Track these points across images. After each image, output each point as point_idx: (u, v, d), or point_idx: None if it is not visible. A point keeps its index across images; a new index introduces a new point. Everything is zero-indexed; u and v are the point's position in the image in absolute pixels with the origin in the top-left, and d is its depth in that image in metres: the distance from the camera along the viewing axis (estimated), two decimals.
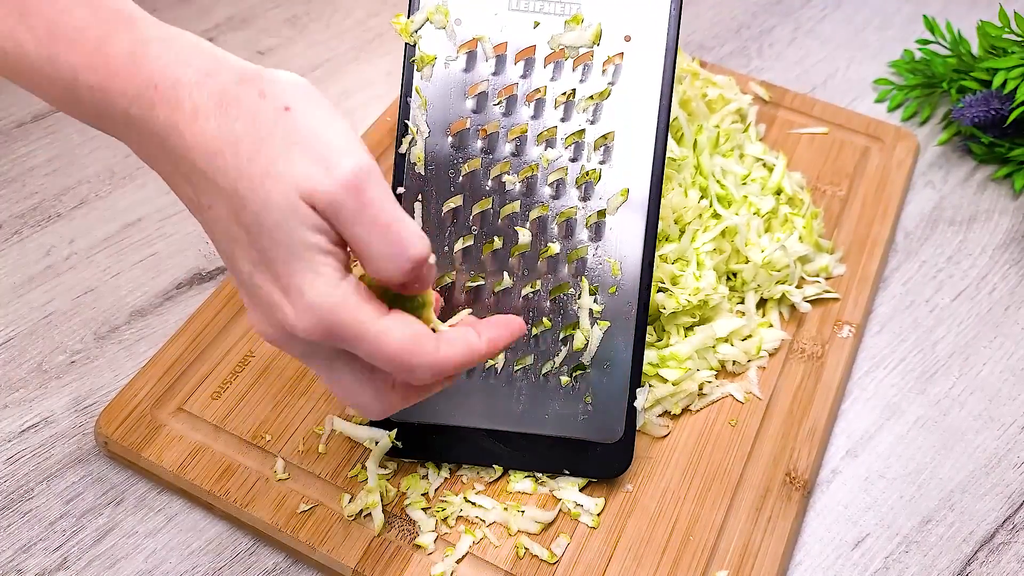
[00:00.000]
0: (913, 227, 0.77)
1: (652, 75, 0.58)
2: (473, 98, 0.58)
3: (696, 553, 0.57)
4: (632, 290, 0.59)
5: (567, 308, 0.59)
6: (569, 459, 0.59)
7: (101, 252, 0.73)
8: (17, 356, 0.67)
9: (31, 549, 0.58)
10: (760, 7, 0.95)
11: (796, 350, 0.67)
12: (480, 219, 0.58)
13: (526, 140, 0.59)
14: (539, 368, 0.59)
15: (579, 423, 0.59)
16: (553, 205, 0.59)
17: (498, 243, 0.58)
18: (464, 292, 0.59)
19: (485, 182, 0.58)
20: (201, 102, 0.44)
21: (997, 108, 0.78)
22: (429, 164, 0.58)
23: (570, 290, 0.59)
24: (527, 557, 0.57)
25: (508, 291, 0.59)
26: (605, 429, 0.59)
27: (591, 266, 0.59)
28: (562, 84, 0.58)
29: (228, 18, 0.92)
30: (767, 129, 0.80)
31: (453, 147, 0.58)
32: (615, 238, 0.59)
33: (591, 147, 0.58)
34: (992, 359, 0.70)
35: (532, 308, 0.59)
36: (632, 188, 0.58)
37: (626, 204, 0.58)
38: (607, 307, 0.59)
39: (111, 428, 0.61)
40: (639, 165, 0.58)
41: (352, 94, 0.86)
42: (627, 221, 0.58)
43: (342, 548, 0.57)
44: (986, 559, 0.60)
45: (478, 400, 0.59)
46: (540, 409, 0.59)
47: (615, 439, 0.59)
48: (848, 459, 0.64)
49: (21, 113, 0.82)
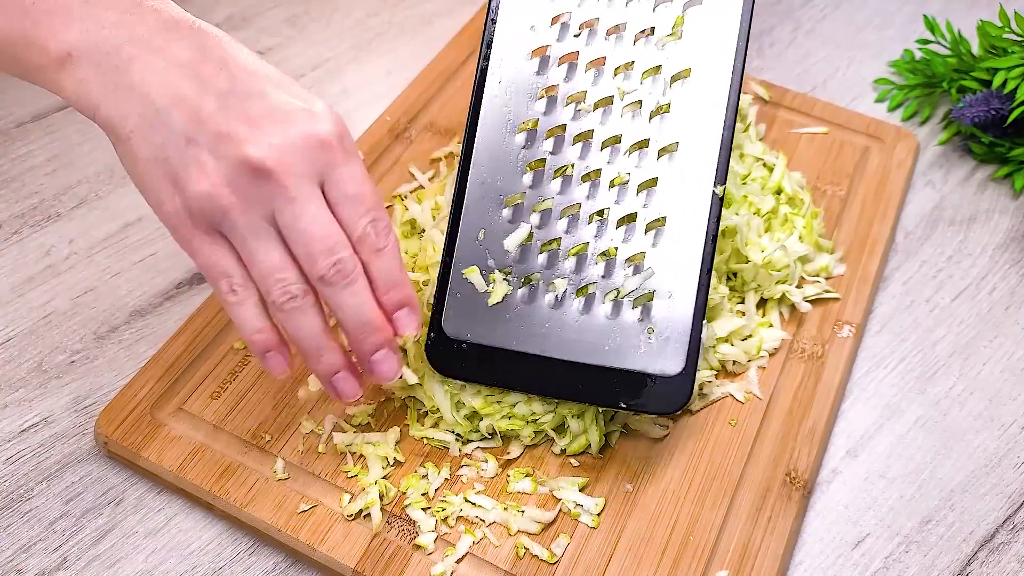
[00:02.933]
0: (913, 227, 0.77)
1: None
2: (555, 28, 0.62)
3: (696, 553, 0.57)
4: (700, 223, 0.59)
5: (635, 237, 0.60)
6: (626, 393, 0.58)
7: (101, 252, 0.73)
8: (17, 356, 0.67)
9: (31, 549, 0.58)
10: (760, 7, 0.95)
11: (796, 350, 0.67)
12: (553, 143, 0.61)
13: (603, 72, 0.62)
14: (603, 297, 0.59)
15: (639, 355, 0.58)
16: (627, 134, 0.61)
17: (570, 170, 0.60)
18: (532, 212, 0.60)
19: (561, 109, 0.61)
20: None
21: (997, 108, 0.78)
22: (509, 84, 0.61)
23: (638, 220, 0.60)
24: (527, 557, 0.57)
25: (576, 216, 0.60)
26: (666, 362, 0.58)
27: (661, 195, 0.60)
28: (641, 23, 0.62)
29: (228, 17, 0.92)
30: (767, 129, 0.80)
31: (533, 72, 0.62)
32: (686, 171, 0.60)
33: (667, 82, 0.61)
34: (992, 359, 0.70)
35: (600, 234, 0.60)
36: (704, 123, 0.60)
37: (697, 140, 0.60)
38: (672, 239, 0.59)
39: (111, 428, 0.61)
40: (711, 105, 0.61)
41: (352, 94, 0.86)
42: (699, 157, 0.60)
43: (342, 548, 0.57)
44: (986, 559, 0.60)
45: (537, 325, 0.59)
46: (600, 339, 0.59)
47: (676, 372, 0.58)
48: (848, 459, 0.64)
49: (21, 113, 0.82)
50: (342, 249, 0.51)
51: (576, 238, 0.60)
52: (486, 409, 0.60)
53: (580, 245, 0.60)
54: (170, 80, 0.49)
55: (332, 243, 0.50)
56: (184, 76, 0.49)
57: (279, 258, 0.51)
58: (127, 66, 0.49)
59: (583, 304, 0.59)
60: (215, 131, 0.48)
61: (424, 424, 0.62)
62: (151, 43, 0.49)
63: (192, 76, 0.49)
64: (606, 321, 0.59)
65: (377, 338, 0.53)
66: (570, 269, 0.60)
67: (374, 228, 0.52)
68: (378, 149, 0.77)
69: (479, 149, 0.61)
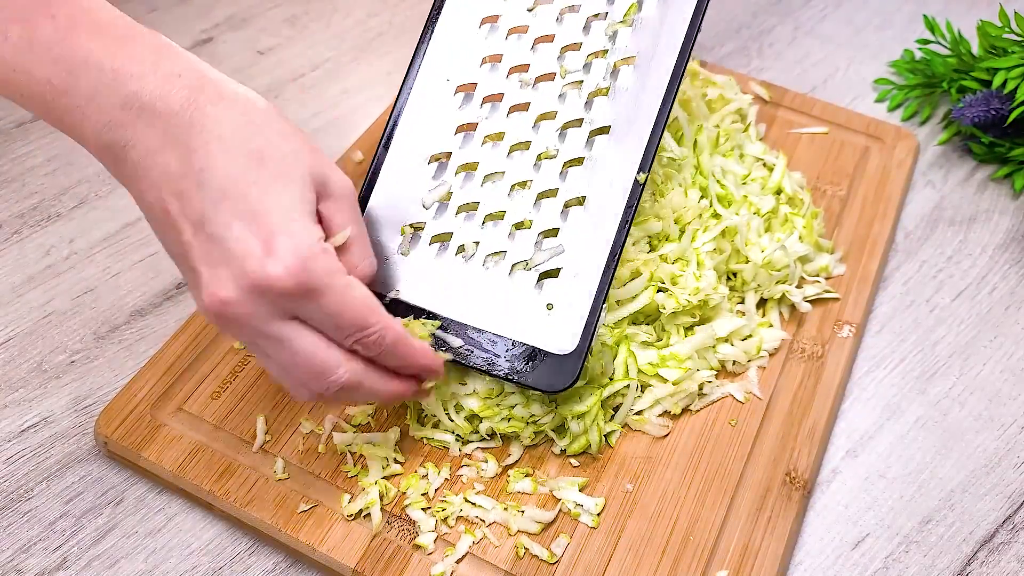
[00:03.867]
0: (913, 227, 0.77)
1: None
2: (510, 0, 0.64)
3: (696, 553, 0.57)
4: (616, 207, 0.59)
5: (551, 213, 0.60)
6: (518, 366, 0.58)
7: (101, 252, 0.73)
8: (17, 356, 0.67)
9: (31, 549, 0.58)
10: (760, 7, 0.95)
11: (796, 350, 0.67)
12: (489, 109, 0.62)
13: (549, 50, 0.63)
14: (510, 267, 0.59)
15: (535, 329, 0.58)
16: (563, 111, 0.62)
17: (500, 138, 0.61)
18: (456, 173, 0.61)
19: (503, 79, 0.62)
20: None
21: (997, 108, 0.78)
22: (454, 44, 0.63)
23: (557, 196, 0.60)
24: (527, 557, 0.57)
25: (497, 183, 0.61)
26: (560, 339, 0.58)
27: (584, 176, 0.60)
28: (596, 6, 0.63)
29: (228, 17, 0.92)
30: (767, 129, 0.80)
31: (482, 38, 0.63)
32: (614, 155, 0.60)
33: (610, 67, 0.62)
34: (992, 359, 0.70)
35: (518, 205, 0.60)
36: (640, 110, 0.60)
37: (627, 125, 0.60)
38: (588, 220, 0.59)
39: (111, 428, 0.61)
40: (650, 92, 0.60)
41: (352, 94, 0.86)
42: (628, 143, 0.60)
43: (342, 548, 0.57)
44: (986, 559, 0.60)
45: (441, 285, 0.59)
46: (500, 308, 0.59)
47: (567, 352, 0.57)
48: (848, 459, 0.64)
49: (21, 113, 0.82)
50: (332, 370, 0.51)
51: (494, 205, 0.60)
52: (485, 411, 0.60)
53: (497, 212, 0.60)
54: (161, 195, 0.49)
55: (319, 371, 0.51)
56: (171, 192, 0.49)
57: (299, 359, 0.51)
58: (132, 172, 0.50)
59: (489, 270, 0.59)
60: (190, 266, 0.50)
61: (424, 424, 0.62)
62: (149, 148, 0.49)
63: (176, 195, 0.49)
64: (509, 291, 0.59)
65: (408, 397, 0.56)
66: (483, 234, 0.60)
67: (362, 346, 0.51)
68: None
69: (413, 102, 0.62)
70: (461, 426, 0.61)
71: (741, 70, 0.88)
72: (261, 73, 0.87)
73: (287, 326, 0.50)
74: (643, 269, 0.64)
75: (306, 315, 0.50)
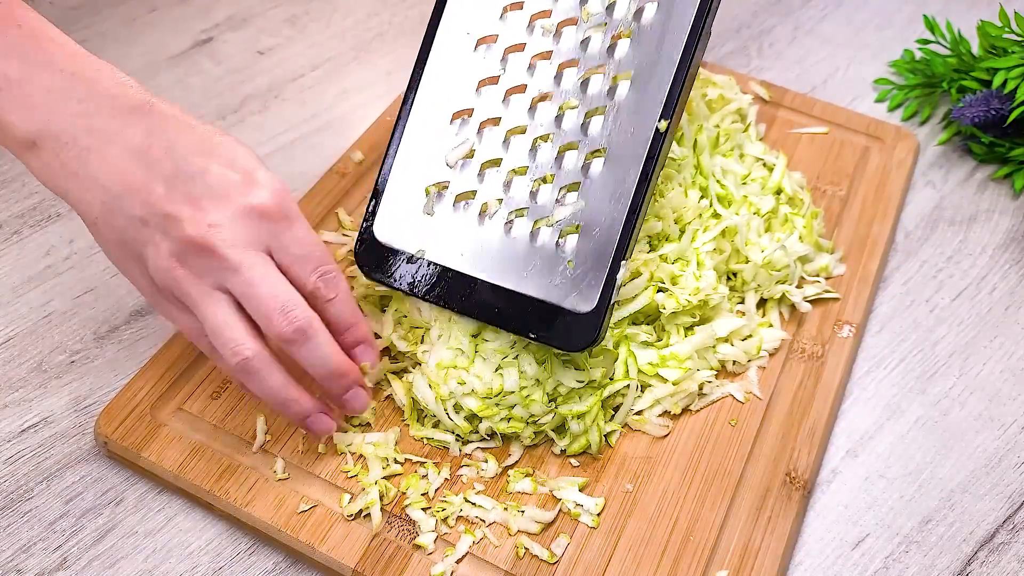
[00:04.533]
0: (913, 227, 0.77)
1: None
2: None
3: (696, 553, 0.57)
4: (635, 162, 0.58)
5: (572, 167, 0.59)
6: (537, 323, 0.58)
7: (101, 252, 0.73)
8: (17, 356, 0.67)
9: (31, 549, 0.58)
10: (760, 7, 0.95)
11: (796, 350, 0.67)
12: (509, 62, 0.61)
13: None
14: (531, 223, 0.59)
15: (555, 287, 0.58)
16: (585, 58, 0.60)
17: (522, 90, 0.60)
18: (480, 130, 0.61)
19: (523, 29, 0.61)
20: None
21: (997, 108, 0.78)
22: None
23: (578, 148, 0.59)
24: (527, 557, 0.57)
25: (520, 138, 0.60)
26: (579, 297, 0.57)
27: (602, 131, 0.59)
28: None
29: (228, 17, 0.92)
30: (767, 129, 0.80)
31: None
32: (636, 102, 0.58)
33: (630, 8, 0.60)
34: (992, 359, 0.70)
35: (540, 159, 0.60)
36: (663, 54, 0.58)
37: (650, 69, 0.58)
38: (610, 175, 0.58)
39: (111, 428, 0.61)
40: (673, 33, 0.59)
41: (352, 94, 0.86)
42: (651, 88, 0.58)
43: (342, 548, 0.57)
44: (986, 559, 0.60)
45: (463, 242, 0.59)
46: (521, 265, 0.58)
47: (587, 310, 0.57)
48: (848, 459, 0.64)
49: None
50: (294, 306, 0.54)
51: (516, 161, 0.60)
52: (485, 411, 0.60)
53: (520, 168, 0.60)
54: (124, 167, 0.53)
55: (283, 301, 0.53)
56: (135, 162, 0.53)
57: (230, 321, 0.53)
58: (85, 156, 0.53)
59: (511, 227, 0.59)
60: (163, 213, 0.53)
61: (424, 424, 0.62)
62: (106, 131, 0.53)
63: (142, 162, 0.53)
64: (529, 247, 0.59)
65: (345, 382, 0.57)
66: (505, 191, 0.60)
67: (323, 281, 0.55)
68: (378, 149, 0.77)
69: (434, 57, 0.62)
70: (461, 426, 0.61)
71: (741, 70, 0.88)
72: (261, 73, 0.87)
73: (260, 256, 0.53)
74: (643, 269, 0.64)
75: (279, 245, 0.54)
